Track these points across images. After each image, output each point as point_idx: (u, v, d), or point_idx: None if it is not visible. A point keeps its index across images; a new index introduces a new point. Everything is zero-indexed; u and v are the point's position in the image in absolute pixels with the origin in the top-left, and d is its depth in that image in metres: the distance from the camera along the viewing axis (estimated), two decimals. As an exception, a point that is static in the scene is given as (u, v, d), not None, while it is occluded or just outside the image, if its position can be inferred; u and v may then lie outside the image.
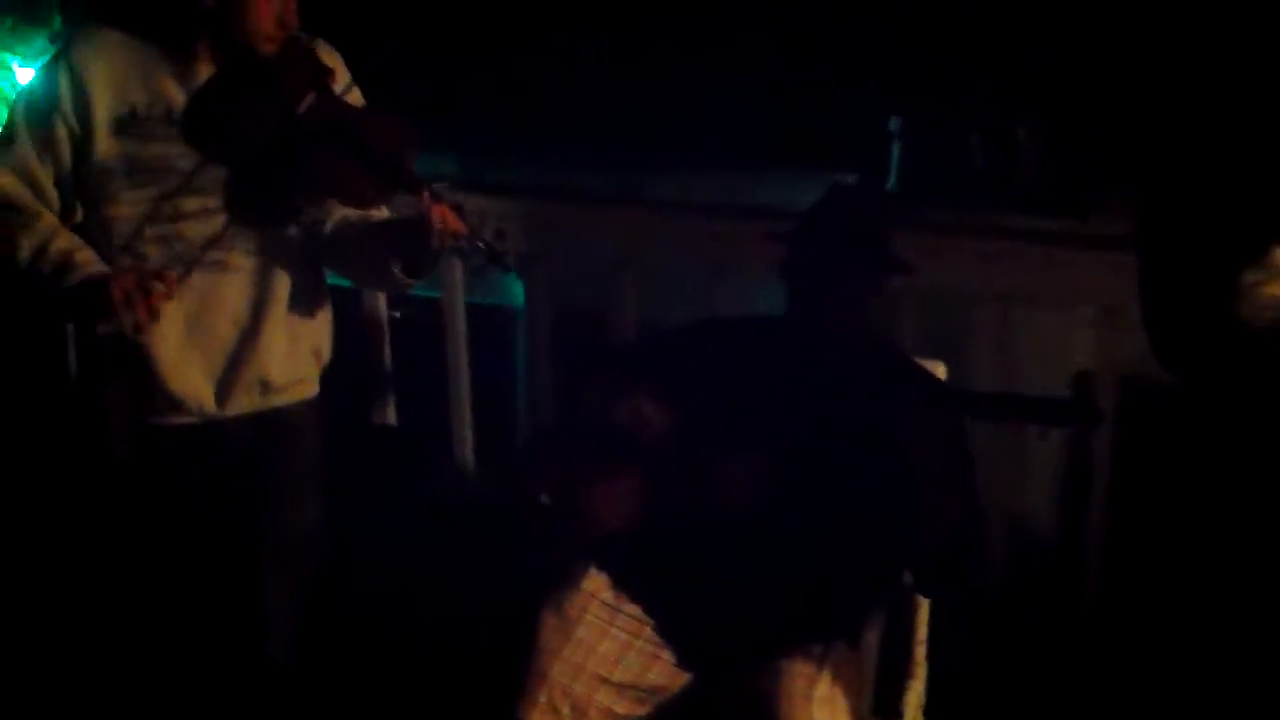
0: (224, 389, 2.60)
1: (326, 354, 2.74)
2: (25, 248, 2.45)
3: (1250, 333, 2.28)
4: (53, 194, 2.51)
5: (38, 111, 2.49)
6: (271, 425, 2.65)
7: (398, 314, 3.86)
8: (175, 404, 2.58)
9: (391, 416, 3.73)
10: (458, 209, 2.44)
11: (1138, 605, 3.24)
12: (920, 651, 2.72)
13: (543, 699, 2.51)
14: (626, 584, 2.60)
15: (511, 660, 2.56)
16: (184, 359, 2.55)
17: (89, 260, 2.46)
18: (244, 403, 2.62)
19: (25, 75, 3.91)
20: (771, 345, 2.63)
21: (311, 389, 2.72)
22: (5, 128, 2.54)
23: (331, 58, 2.60)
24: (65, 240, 2.48)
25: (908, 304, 3.45)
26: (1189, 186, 2.40)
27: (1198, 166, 2.41)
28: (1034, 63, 3.91)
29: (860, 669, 2.60)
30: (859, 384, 2.51)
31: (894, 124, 3.97)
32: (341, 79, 2.60)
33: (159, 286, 2.38)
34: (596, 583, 2.60)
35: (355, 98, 2.60)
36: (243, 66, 2.48)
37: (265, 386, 2.62)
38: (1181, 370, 2.46)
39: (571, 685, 2.52)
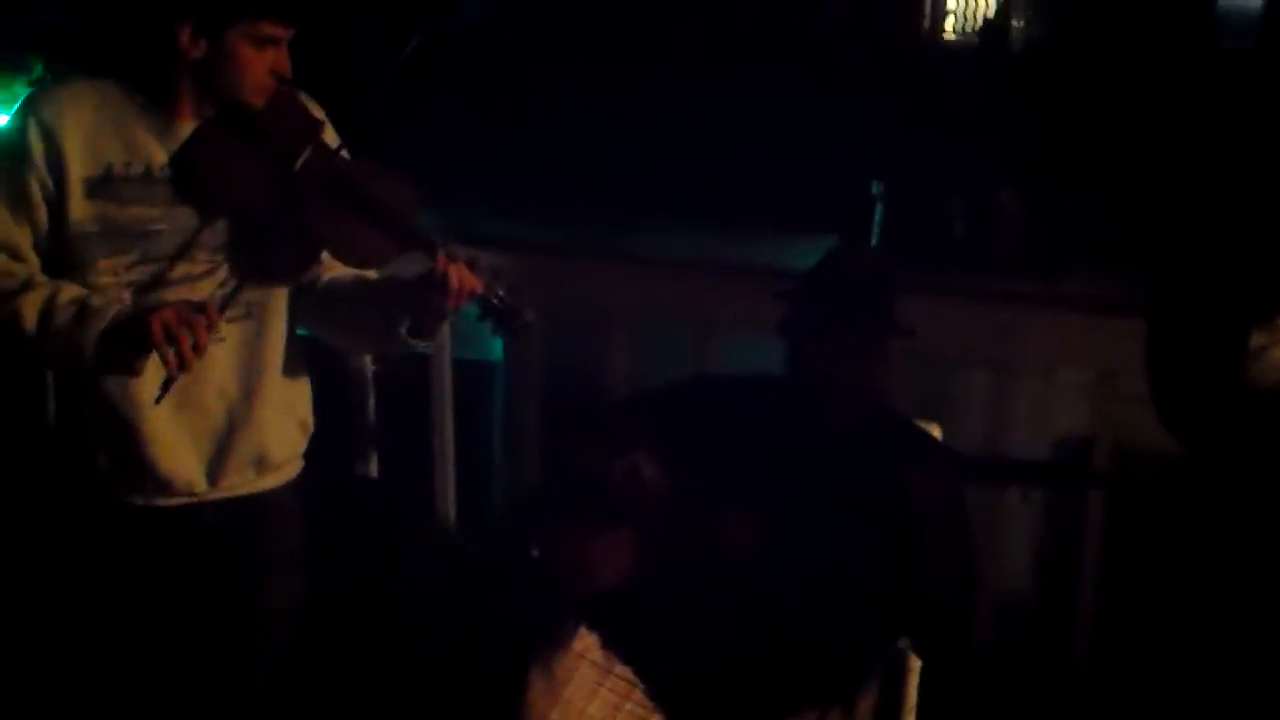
0: (216, 467, 2.43)
1: (310, 425, 2.59)
2: (29, 310, 2.24)
3: (1257, 396, 2.29)
4: (33, 259, 2.29)
5: (8, 170, 2.27)
6: (255, 510, 2.49)
7: (375, 368, 3.83)
8: (164, 486, 2.40)
9: (374, 469, 3.68)
10: (472, 265, 2.31)
11: (1131, 669, 3.24)
12: (910, 719, 2.71)
13: (530, 760, 2.46)
14: (617, 644, 2.57)
15: (497, 720, 2.52)
16: (173, 438, 2.38)
17: (106, 303, 2.25)
18: (235, 481, 2.46)
19: (2, 123, 3.86)
20: (770, 404, 2.62)
21: (299, 466, 2.58)
22: None
23: (318, 110, 2.47)
24: (70, 289, 2.26)
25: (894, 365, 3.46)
26: (1197, 250, 2.42)
27: (1205, 230, 2.43)
28: (1019, 131, 3.97)
29: (854, 734, 2.58)
30: (859, 445, 2.50)
31: (876, 188, 4.02)
32: (331, 133, 2.46)
33: (202, 319, 2.18)
34: (586, 643, 2.57)
35: (344, 153, 2.43)
36: (230, 120, 2.32)
37: (261, 464, 2.47)
38: (1186, 434, 2.47)
39: (559, 748, 2.48)
